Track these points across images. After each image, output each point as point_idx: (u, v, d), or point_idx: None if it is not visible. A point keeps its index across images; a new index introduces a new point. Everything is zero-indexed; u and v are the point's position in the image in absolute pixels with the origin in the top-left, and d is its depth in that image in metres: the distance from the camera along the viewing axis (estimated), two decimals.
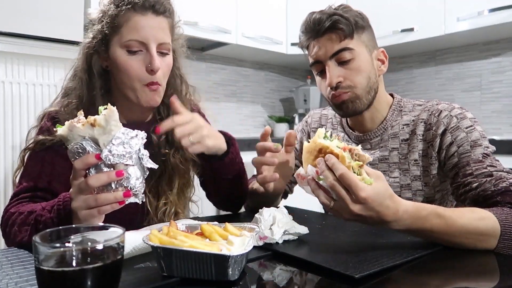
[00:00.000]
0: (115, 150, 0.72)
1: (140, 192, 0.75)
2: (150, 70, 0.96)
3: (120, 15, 0.95)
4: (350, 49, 1.03)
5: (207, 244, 0.65)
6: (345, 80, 1.04)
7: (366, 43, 1.07)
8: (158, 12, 0.97)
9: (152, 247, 0.64)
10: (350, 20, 1.03)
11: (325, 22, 1.02)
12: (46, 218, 0.82)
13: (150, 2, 0.95)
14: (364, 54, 1.06)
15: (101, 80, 1.02)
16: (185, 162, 1.11)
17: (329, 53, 1.04)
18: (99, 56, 1.00)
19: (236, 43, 2.80)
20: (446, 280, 0.68)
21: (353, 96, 1.05)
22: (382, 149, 1.11)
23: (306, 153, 0.81)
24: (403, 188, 1.07)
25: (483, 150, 0.95)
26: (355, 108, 1.06)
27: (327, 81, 1.04)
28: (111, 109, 0.72)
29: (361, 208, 0.72)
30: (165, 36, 0.98)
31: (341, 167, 0.72)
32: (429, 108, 1.06)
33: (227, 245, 0.65)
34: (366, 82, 1.05)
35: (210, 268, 0.62)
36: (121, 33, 0.95)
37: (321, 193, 0.76)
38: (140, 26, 0.94)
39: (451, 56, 2.90)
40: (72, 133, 0.72)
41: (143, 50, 0.96)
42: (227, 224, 0.73)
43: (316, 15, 1.05)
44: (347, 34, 1.02)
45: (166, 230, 0.70)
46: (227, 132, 1.09)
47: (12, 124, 1.81)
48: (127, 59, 0.96)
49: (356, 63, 1.04)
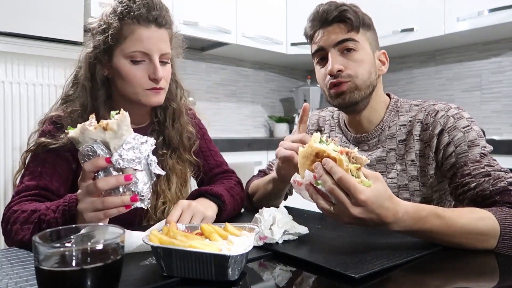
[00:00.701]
0: (125, 155, 0.73)
1: (146, 198, 0.77)
2: (153, 78, 1.01)
3: (125, 28, 0.99)
4: (355, 41, 1.04)
5: (207, 244, 0.65)
6: (346, 69, 1.04)
7: (370, 41, 1.08)
8: (160, 24, 1.01)
9: (152, 247, 0.64)
10: (359, 14, 1.04)
11: (334, 11, 1.03)
12: (50, 218, 0.83)
13: (153, 15, 0.99)
14: (367, 49, 1.06)
15: (104, 88, 1.05)
16: (182, 162, 1.15)
17: (334, 41, 1.04)
18: (101, 65, 1.04)
19: (236, 43, 2.80)
20: (446, 280, 0.68)
21: (352, 86, 1.04)
22: (379, 150, 1.10)
23: (302, 158, 0.79)
24: (400, 188, 1.07)
25: (480, 149, 0.95)
26: (352, 99, 1.05)
27: (328, 68, 1.04)
28: (124, 114, 0.74)
29: (361, 211, 0.71)
30: (166, 47, 1.03)
31: (339, 171, 0.71)
32: (426, 108, 1.06)
33: (227, 245, 0.65)
34: (367, 75, 1.05)
35: (210, 268, 0.61)
36: (125, 44, 0.99)
37: (319, 198, 0.75)
38: (144, 38, 0.99)
39: (451, 56, 2.90)
40: (83, 136, 0.74)
41: (146, 60, 1.00)
42: (227, 224, 0.74)
43: (325, 6, 1.06)
44: (354, 27, 1.03)
45: (166, 230, 0.70)
46: (212, 191, 1.05)
47: (12, 124, 1.81)
48: (131, 68, 1.00)
49: (359, 55, 1.04)
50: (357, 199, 0.70)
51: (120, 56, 1.00)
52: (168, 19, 1.04)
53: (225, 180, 1.19)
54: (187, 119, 1.17)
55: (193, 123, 1.20)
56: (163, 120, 1.13)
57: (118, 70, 1.01)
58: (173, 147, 1.13)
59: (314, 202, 0.77)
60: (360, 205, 0.70)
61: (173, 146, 1.13)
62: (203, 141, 1.24)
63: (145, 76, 1.00)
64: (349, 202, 0.71)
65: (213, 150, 1.26)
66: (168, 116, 1.13)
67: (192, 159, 1.17)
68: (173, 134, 1.12)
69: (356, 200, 0.70)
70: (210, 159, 1.24)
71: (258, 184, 1.20)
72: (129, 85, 1.01)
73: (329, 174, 0.72)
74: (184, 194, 1.16)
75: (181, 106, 1.15)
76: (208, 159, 1.23)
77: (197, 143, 1.19)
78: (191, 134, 1.17)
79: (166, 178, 1.11)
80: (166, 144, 1.13)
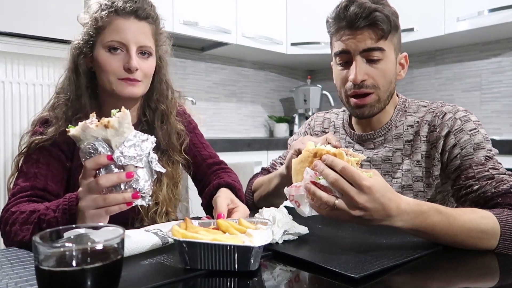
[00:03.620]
0: (126, 152, 0.73)
1: (147, 195, 0.77)
2: (127, 68, 1.01)
3: (104, 18, 1.00)
4: (382, 50, 1.01)
5: (229, 237, 0.68)
6: (369, 78, 1.02)
7: (395, 46, 1.05)
8: (140, 17, 1.02)
9: (176, 241, 0.66)
10: (390, 20, 1.00)
11: (366, 17, 0.97)
12: (50, 217, 0.82)
13: (133, 7, 1.01)
14: (391, 57, 1.04)
15: (87, 80, 1.06)
16: (172, 164, 1.15)
17: (361, 47, 1.00)
18: (85, 57, 1.05)
19: (236, 43, 2.80)
20: (446, 280, 0.68)
21: (375, 99, 1.03)
22: (385, 149, 1.10)
23: (298, 164, 0.80)
24: (404, 188, 1.06)
25: (485, 153, 0.95)
26: (372, 112, 1.05)
27: (352, 77, 1.01)
28: (125, 112, 0.74)
29: (367, 199, 0.70)
30: (146, 40, 1.03)
31: (341, 162, 0.72)
32: (434, 109, 1.06)
33: (247, 237, 0.68)
34: (388, 86, 1.04)
35: (234, 259, 0.65)
36: (103, 34, 1.01)
37: (323, 193, 0.74)
38: (122, 28, 1.00)
39: (451, 56, 2.90)
40: (85, 134, 0.74)
41: (123, 50, 1.01)
42: (241, 219, 0.77)
43: (355, 8, 0.98)
44: (384, 34, 1.00)
45: (184, 226, 0.73)
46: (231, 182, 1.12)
47: (12, 124, 1.81)
48: (108, 57, 1.01)
49: (384, 64, 1.02)
50: (362, 186, 0.70)
51: (99, 47, 1.01)
52: (151, 13, 1.05)
53: (232, 174, 1.21)
54: (175, 119, 1.17)
55: (183, 120, 1.21)
56: (151, 121, 1.13)
57: (97, 60, 1.02)
58: (163, 148, 1.13)
59: (311, 207, 0.77)
60: (365, 192, 0.70)
61: (162, 148, 1.13)
62: (194, 135, 1.25)
63: (120, 66, 1.00)
64: (354, 190, 0.71)
65: (204, 143, 1.27)
66: (157, 118, 1.13)
67: (182, 160, 1.17)
68: (161, 136, 1.12)
69: (361, 186, 0.70)
70: (202, 150, 1.24)
71: (263, 180, 1.20)
72: (104, 74, 1.02)
73: (330, 168, 0.73)
74: (176, 195, 1.16)
75: (170, 107, 1.15)
76: (200, 151, 1.24)
77: (187, 140, 1.19)
78: (181, 131, 1.17)
79: (157, 180, 1.10)
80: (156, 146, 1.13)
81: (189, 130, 1.23)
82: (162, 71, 1.13)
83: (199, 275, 0.66)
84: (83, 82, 1.05)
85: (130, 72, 1.01)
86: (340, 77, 1.07)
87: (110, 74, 1.01)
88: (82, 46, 1.03)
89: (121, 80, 1.01)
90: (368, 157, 1.11)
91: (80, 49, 1.04)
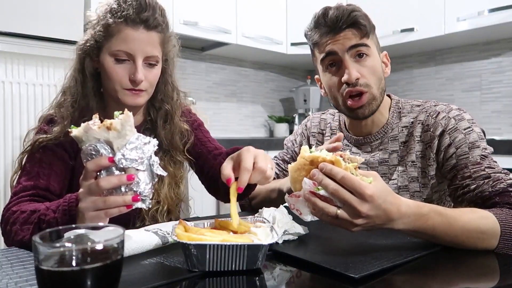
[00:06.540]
0: (128, 155, 0.73)
1: (148, 198, 0.77)
2: (132, 80, 1.01)
3: (113, 26, 0.99)
4: (367, 46, 1.02)
5: (236, 236, 0.69)
6: (362, 78, 1.02)
7: (376, 44, 1.07)
8: (149, 27, 1.00)
9: (183, 245, 0.65)
10: (369, 19, 1.03)
11: (347, 17, 1.00)
12: (50, 218, 0.82)
13: (143, 17, 0.99)
14: (376, 55, 1.06)
15: (93, 81, 1.06)
16: (174, 164, 1.15)
17: (347, 45, 1.01)
18: (91, 59, 1.05)
19: (236, 43, 2.80)
20: (446, 280, 0.68)
21: (370, 97, 1.03)
22: (382, 151, 1.10)
23: (294, 172, 0.77)
24: (401, 189, 1.06)
25: (481, 151, 0.95)
26: (371, 110, 1.05)
27: (346, 77, 1.00)
28: (127, 114, 0.74)
29: (369, 207, 0.70)
30: (154, 50, 1.02)
31: (340, 171, 0.70)
32: (427, 109, 1.06)
33: (253, 236, 0.69)
34: (378, 83, 1.04)
35: (243, 258, 0.66)
36: (111, 42, 1.00)
37: (323, 204, 0.72)
38: (130, 39, 0.99)
39: (451, 56, 2.90)
40: (87, 135, 0.74)
41: (130, 60, 1.01)
42: (241, 220, 0.76)
43: (335, 11, 1.01)
44: (366, 32, 1.02)
45: (182, 228, 0.72)
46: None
47: (12, 124, 1.81)
48: (114, 66, 1.01)
49: (371, 61, 1.03)
50: (363, 195, 0.69)
51: (106, 53, 1.01)
52: (161, 21, 1.03)
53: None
54: (179, 119, 1.16)
55: (188, 119, 1.20)
56: (155, 120, 1.13)
57: (103, 66, 1.02)
58: (165, 148, 1.13)
59: (313, 215, 0.76)
60: (367, 200, 0.69)
61: (164, 148, 1.13)
62: (199, 131, 1.24)
63: (125, 76, 1.01)
64: (356, 200, 0.69)
65: (210, 138, 1.26)
66: (160, 117, 1.13)
67: (184, 160, 1.16)
68: (163, 135, 1.12)
69: (363, 195, 0.69)
70: (208, 144, 1.22)
71: (260, 190, 1.17)
72: (110, 82, 1.02)
73: (329, 177, 0.71)
74: (177, 194, 1.16)
75: (175, 108, 1.15)
76: (206, 144, 1.22)
77: (192, 139, 1.18)
78: (185, 131, 1.16)
79: (158, 179, 1.10)
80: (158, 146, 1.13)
81: (194, 128, 1.22)
82: (168, 73, 1.13)
83: (199, 275, 0.66)
84: (90, 84, 1.06)
85: (135, 84, 1.01)
86: (332, 83, 1.06)
87: (116, 83, 1.01)
88: (88, 49, 1.03)
89: (126, 90, 1.02)
90: (366, 160, 1.11)
91: (86, 51, 1.04)
